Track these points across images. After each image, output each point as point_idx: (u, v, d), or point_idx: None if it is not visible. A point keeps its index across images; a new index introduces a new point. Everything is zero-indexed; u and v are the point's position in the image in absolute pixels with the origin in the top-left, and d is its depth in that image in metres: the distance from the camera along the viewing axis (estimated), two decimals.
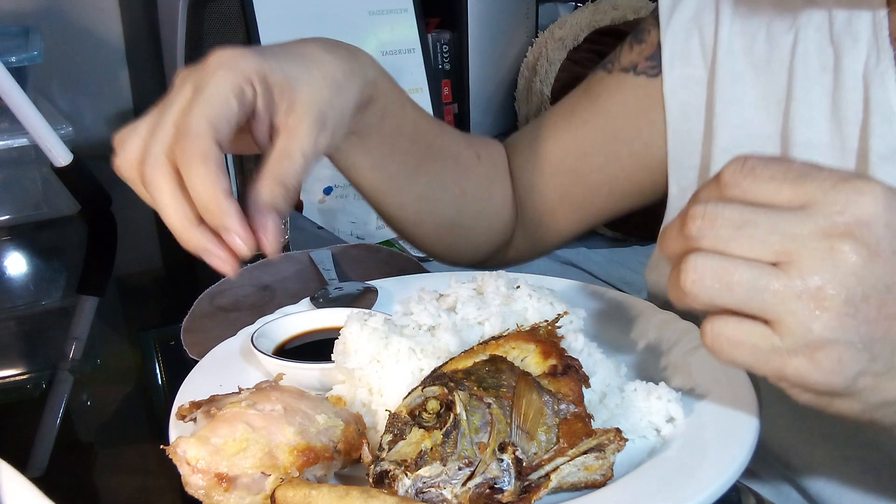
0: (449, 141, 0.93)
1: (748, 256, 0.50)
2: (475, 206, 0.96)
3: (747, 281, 0.50)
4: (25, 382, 0.88)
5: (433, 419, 0.54)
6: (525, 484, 0.54)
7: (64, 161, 1.21)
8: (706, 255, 0.51)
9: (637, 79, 0.92)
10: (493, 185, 0.98)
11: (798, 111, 0.79)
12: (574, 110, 0.97)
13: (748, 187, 0.52)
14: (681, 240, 0.53)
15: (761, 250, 0.50)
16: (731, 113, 0.85)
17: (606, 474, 0.56)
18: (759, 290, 0.49)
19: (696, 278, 0.50)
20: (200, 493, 0.54)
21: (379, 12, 1.55)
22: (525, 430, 0.55)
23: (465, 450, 0.53)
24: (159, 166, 0.62)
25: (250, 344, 0.71)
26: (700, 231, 0.51)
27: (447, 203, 0.93)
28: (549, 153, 0.97)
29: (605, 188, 0.96)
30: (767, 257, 0.50)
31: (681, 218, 0.53)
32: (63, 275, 1.16)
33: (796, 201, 0.51)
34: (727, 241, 0.51)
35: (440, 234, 0.96)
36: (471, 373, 0.58)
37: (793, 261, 0.49)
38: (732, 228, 0.51)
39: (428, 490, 0.52)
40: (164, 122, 0.63)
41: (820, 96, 0.78)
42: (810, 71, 0.79)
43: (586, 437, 0.56)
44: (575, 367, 0.61)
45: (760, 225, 0.51)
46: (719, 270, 0.50)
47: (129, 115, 1.79)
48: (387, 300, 0.85)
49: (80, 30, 1.72)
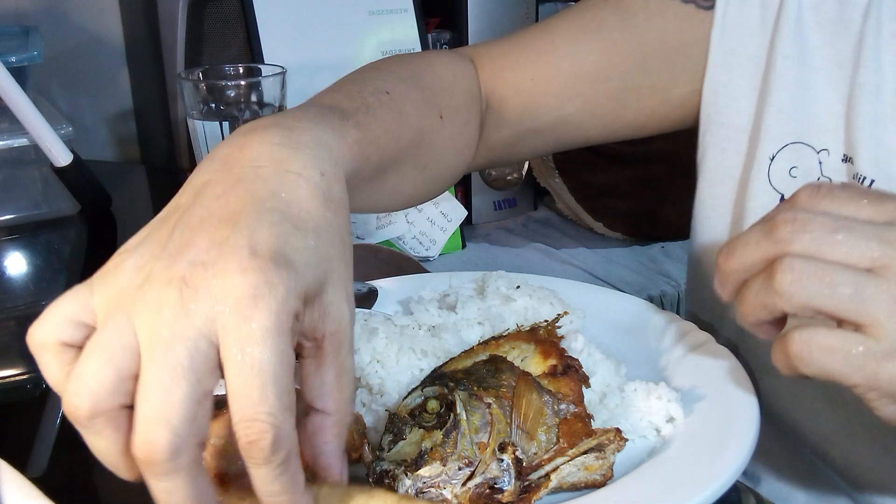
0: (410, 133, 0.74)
1: (844, 261, 0.50)
2: (438, 173, 0.83)
3: (847, 282, 0.50)
4: (25, 382, 0.88)
5: (433, 419, 0.54)
6: (525, 484, 0.54)
7: (64, 161, 1.21)
8: (803, 258, 0.51)
9: (685, 7, 0.83)
10: (459, 138, 0.84)
11: (864, 79, 0.75)
12: (601, 26, 0.86)
13: (828, 207, 0.53)
14: (766, 245, 0.52)
15: (858, 255, 0.50)
16: (791, 71, 0.79)
17: (606, 474, 0.56)
18: (858, 292, 0.49)
19: (795, 278, 0.50)
20: None
21: (379, 12, 1.54)
22: (525, 430, 0.55)
23: (465, 450, 0.53)
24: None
25: None
26: (792, 234, 0.51)
27: (410, 187, 0.80)
28: (559, 72, 0.86)
29: (607, 117, 0.88)
30: (863, 263, 0.50)
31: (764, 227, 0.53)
32: (63, 275, 1.16)
33: (880, 218, 0.52)
34: (822, 244, 0.51)
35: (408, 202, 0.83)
36: (471, 373, 0.58)
37: (887, 265, 0.50)
38: (826, 232, 0.51)
39: (428, 490, 0.52)
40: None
41: (890, 66, 0.75)
42: (882, 37, 0.75)
43: (586, 437, 0.56)
44: (575, 367, 0.61)
45: (855, 231, 0.51)
46: (819, 271, 0.50)
47: (129, 115, 1.80)
48: (387, 300, 0.85)
49: (80, 30, 1.72)
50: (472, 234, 1.62)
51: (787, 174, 0.81)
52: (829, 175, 0.79)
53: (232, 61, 1.41)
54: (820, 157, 0.79)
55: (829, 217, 0.52)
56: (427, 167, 0.80)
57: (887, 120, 0.75)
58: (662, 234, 1.62)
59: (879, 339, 0.49)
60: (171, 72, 1.52)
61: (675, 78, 0.85)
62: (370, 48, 1.52)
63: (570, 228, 1.67)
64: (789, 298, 0.51)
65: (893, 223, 0.51)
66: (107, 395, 0.43)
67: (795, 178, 0.81)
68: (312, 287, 0.47)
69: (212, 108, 1.08)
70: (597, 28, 0.85)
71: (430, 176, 0.82)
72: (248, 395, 0.42)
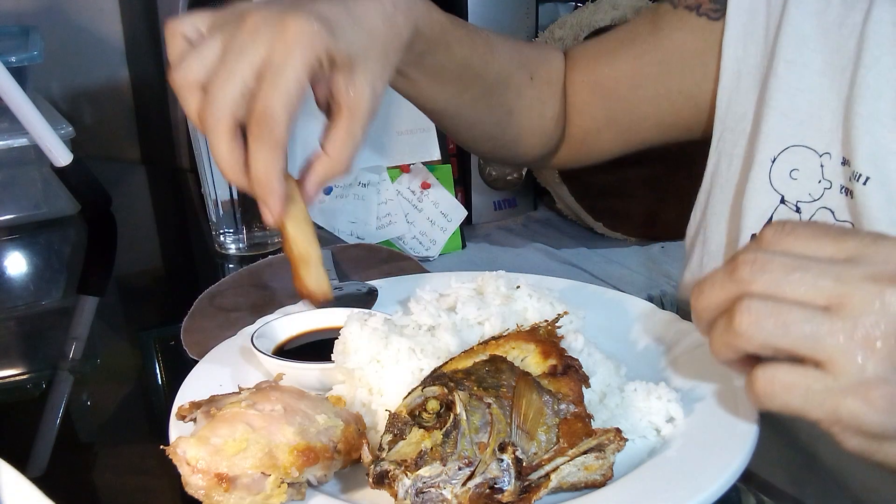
0: (499, 67, 0.94)
1: (800, 300, 0.52)
2: (522, 124, 0.99)
3: (803, 321, 0.51)
4: (25, 382, 0.88)
5: (433, 419, 0.54)
6: (525, 484, 0.54)
7: (64, 161, 1.21)
8: (760, 298, 0.52)
9: (699, 19, 0.91)
10: (544, 105, 1.00)
11: (865, 80, 0.77)
12: (635, 39, 0.98)
13: (791, 244, 0.54)
14: (728, 285, 0.54)
15: (813, 294, 0.52)
16: (792, 75, 0.82)
17: (606, 474, 0.56)
18: (814, 330, 0.51)
19: (752, 320, 0.52)
20: (200, 493, 0.54)
21: None
22: (525, 430, 0.55)
23: (465, 450, 0.53)
24: (224, 119, 0.65)
25: (250, 344, 0.71)
26: (752, 275, 0.53)
27: (493, 123, 0.97)
28: (605, 76, 0.99)
29: (651, 119, 0.97)
30: (819, 301, 0.51)
31: (727, 267, 0.55)
32: (63, 275, 1.16)
33: (840, 255, 0.53)
34: (779, 284, 0.52)
35: (487, 144, 1.01)
36: (471, 373, 0.58)
37: (844, 304, 0.51)
38: (784, 272, 0.52)
39: (428, 490, 0.52)
40: (235, 71, 0.65)
41: (890, 67, 0.76)
42: (883, 39, 0.77)
43: (586, 437, 0.56)
44: (575, 367, 0.61)
45: (811, 270, 0.52)
46: (775, 312, 0.52)
47: (130, 116, 1.80)
48: (387, 300, 0.85)
49: (80, 30, 1.72)
50: (472, 234, 1.62)
51: (787, 176, 0.83)
52: (829, 178, 0.80)
53: None
54: (822, 160, 0.80)
55: (788, 257, 0.53)
56: (512, 113, 0.97)
57: (886, 119, 0.76)
58: (662, 234, 1.62)
59: (837, 376, 0.50)
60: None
61: (697, 83, 0.92)
62: None
63: (570, 228, 1.66)
64: (749, 339, 0.52)
65: (852, 259, 0.52)
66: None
67: (796, 179, 0.82)
68: (341, 54, 0.66)
69: None
70: (631, 40, 0.98)
71: (515, 123, 0.98)
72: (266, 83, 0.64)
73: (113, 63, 1.77)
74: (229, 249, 1.13)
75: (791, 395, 0.52)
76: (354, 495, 0.58)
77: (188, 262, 1.27)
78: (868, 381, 0.50)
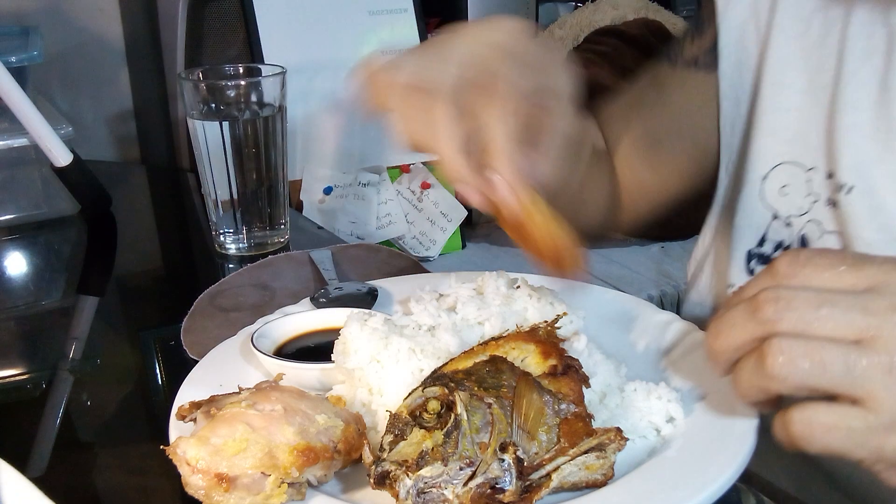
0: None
1: (831, 336, 0.50)
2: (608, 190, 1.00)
3: (838, 358, 0.49)
4: (25, 382, 0.88)
5: (434, 419, 0.54)
6: (526, 484, 0.54)
7: (64, 161, 1.21)
8: (790, 337, 0.50)
9: (698, 73, 0.93)
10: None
11: (845, 93, 0.79)
12: (643, 101, 0.99)
13: (809, 276, 0.53)
14: (752, 326, 0.52)
15: (844, 328, 0.50)
16: (779, 96, 0.84)
17: (607, 474, 0.56)
18: (850, 366, 0.49)
19: (786, 360, 0.50)
20: (200, 493, 0.54)
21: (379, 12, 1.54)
22: (526, 429, 0.55)
23: (466, 450, 0.53)
24: (455, 142, 0.62)
25: (250, 344, 0.71)
26: (777, 313, 0.51)
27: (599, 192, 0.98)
28: (623, 142, 1.00)
29: (675, 175, 0.98)
30: (850, 335, 0.50)
31: (748, 306, 0.53)
32: (63, 275, 1.16)
33: (860, 285, 0.52)
34: (808, 322, 0.50)
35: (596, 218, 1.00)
36: (471, 373, 0.58)
37: (876, 336, 0.49)
38: (812, 309, 0.51)
39: (429, 490, 0.52)
40: (443, 100, 0.62)
41: (868, 78, 0.78)
42: (859, 53, 0.78)
43: (587, 436, 0.56)
44: (575, 367, 0.61)
45: (839, 304, 0.51)
46: (809, 350, 0.50)
47: (129, 116, 1.80)
48: (387, 300, 0.85)
49: (80, 30, 1.72)
50: (472, 234, 1.62)
51: (778, 193, 0.84)
52: (816, 191, 0.82)
53: (232, 61, 1.41)
54: (809, 175, 0.82)
55: (811, 291, 0.52)
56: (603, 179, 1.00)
57: (866, 129, 0.77)
58: (662, 234, 1.62)
59: (878, 413, 0.49)
60: (171, 72, 1.52)
61: (709, 134, 0.93)
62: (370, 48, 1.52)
63: None
64: (783, 381, 0.50)
65: (874, 289, 0.51)
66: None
67: (787, 195, 0.84)
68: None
69: (212, 108, 1.08)
70: (640, 105, 0.99)
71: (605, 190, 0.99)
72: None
73: (113, 63, 1.77)
74: (229, 249, 1.13)
75: (832, 437, 0.50)
76: (354, 495, 0.58)
77: (188, 262, 1.27)
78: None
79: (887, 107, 0.76)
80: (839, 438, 0.50)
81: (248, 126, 1.08)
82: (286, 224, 1.15)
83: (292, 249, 1.12)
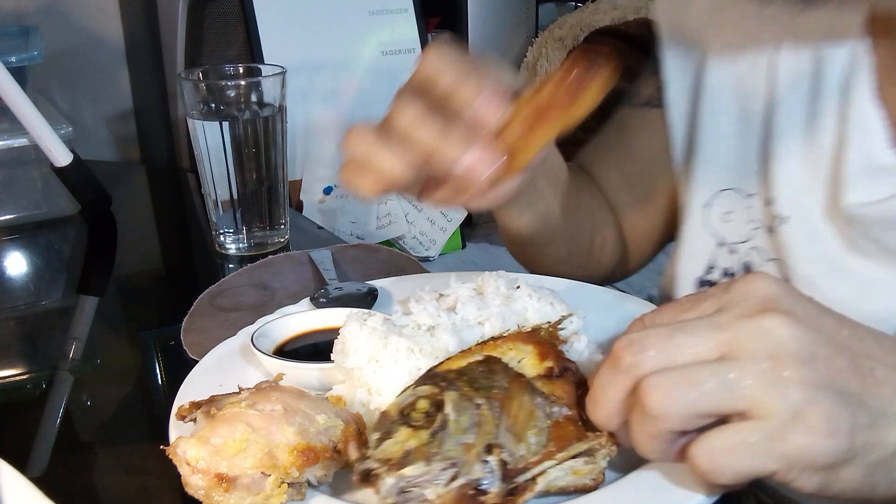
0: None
1: (694, 360, 0.50)
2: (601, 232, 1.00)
3: (710, 376, 0.49)
4: (25, 382, 0.88)
5: (422, 418, 0.54)
6: (511, 486, 0.53)
7: (64, 161, 1.21)
8: (659, 373, 0.50)
9: (656, 111, 0.93)
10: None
11: (775, 120, 0.80)
12: (610, 147, 1.00)
13: (655, 320, 0.54)
14: (619, 379, 0.52)
15: (703, 349, 0.50)
16: (714, 123, 0.85)
17: (597, 479, 0.55)
18: (723, 381, 0.49)
19: (663, 395, 0.49)
20: (200, 493, 0.54)
21: (379, 12, 1.54)
22: (514, 431, 0.54)
23: (450, 450, 0.52)
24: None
25: (250, 344, 0.71)
26: (636, 356, 0.51)
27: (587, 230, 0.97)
28: (604, 188, 1.00)
29: (662, 214, 0.98)
30: (712, 354, 0.50)
31: (607, 365, 0.53)
32: (63, 275, 1.16)
33: (706, 313, 0.52)
34: (668, 353, 0.50)
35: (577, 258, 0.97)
36: (464, 373, 0.58)
37: (735, 347, 0.50)
38: (666, 340, 0.51)
39: (410, 490, 0.51)
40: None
41: (797, 105, 0.78)
42: (787, 79, 0.79)
43: (577, 440, 0.55)
44: (571, 369, 0.60)
45: (689, 329, 0.51)
46: (680, 378, 0.49)
47: (129, 116, 1.80)
48: (387, 300, 0.85)
49: (80, 30, 1.72)
50: (472, 234, 1.62)
51: (721, 220, 0.85)
52: (757, 218, 0.83)
53: (232, 61, 1.41)
54: (750, 201, 0.83)
55: (660, 327, 0.52)
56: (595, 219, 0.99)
57: (797, 157, 0.78)
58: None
59: (768, 418, 0.48)
60: (171, 72, 1.52)
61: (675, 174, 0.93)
62: (370, 48, 1.52)
63: None
64: (668, 416, 0.49)
65: (719, 310, 0.52)
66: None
67: (730, 222, 0.85)
68: None
69: (212, 108, 1.08)
70: (607, 150, 1.00)
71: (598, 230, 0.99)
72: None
73: (113, 63, 1.77)
74: (229, 249, 1.13)
75: (737, 458, 0.49)
76: (354, 495, 0.58)
77: (188, 262, 1.27)
78: (799, 411, 0.48)
79: (816, 134, 0.76)
80: (744, 457, 0.49)
81: (248, 126, 1.08)
82: (286, 224, 1.15)
83: (292, 249, 1.12)
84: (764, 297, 0.51)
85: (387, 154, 0.65)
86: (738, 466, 0.49)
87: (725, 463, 0.49)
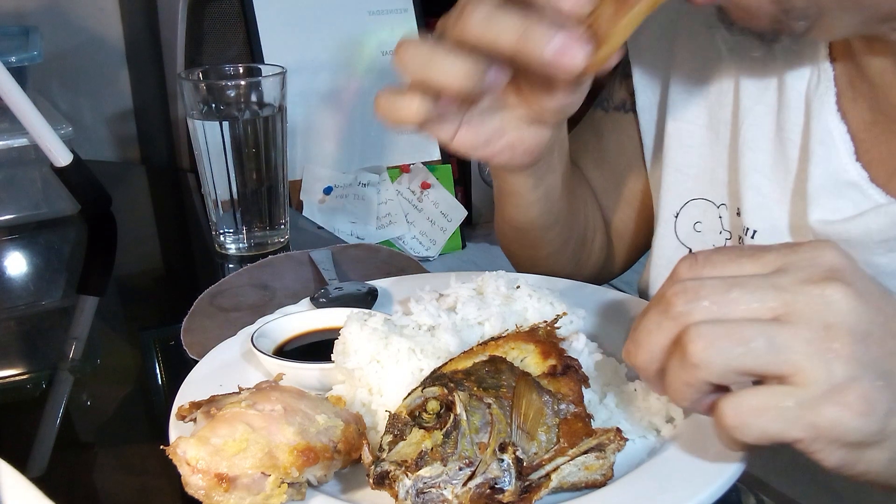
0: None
1: (747, 316, 0.49)
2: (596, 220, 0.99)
3: (759, 335, 0.48)
4: (25, 382, 0.88)
5: (433, 420, 0.54)
6: (526, 484, 0.54)
7: (64, 161, 1.21)
8: (707, 323, 0.49)
9: (626, 116, 0.93)
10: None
11: (743, 130, 0.79)
12: (587, 149, 0.99)
13: (711, 272, 0.52)
14: (667, 324, 0.51)
15: (759, 308, 0.49)
16: (681, 132, 0.85)
17: (607, 474, 0.56)
18: (772, 342, 0.48)
19: (707, 344, 0.48)
20: (200, 493, 0.54)
21: (379, 12, 1.54)
22: (525, 429, 0.55)
23: (465, 450, 0.53)
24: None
25: (250, 344, 0.71)
26: (688, 304, 0.50)
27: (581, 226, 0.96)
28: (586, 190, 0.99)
29: (640, 217, 0.97)
30: (766, 314, 0.49)
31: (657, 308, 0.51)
32: (63, 275, 1.16)
33: (765, 270, 0.51)
34: (720, 306, 0.49)
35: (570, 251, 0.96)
36: (471, 373, 0.58)
37: (791, 311, 0.49)
38: (721, 293, 0.50)
39: (429, 490, 0.52)
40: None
41: (764, 115, 0.78)
42: (753, 90, 0.79)
43: (586, 436, 0.56)
44: (574, 367, 0.61)
45: (748, 286, 0.50)
46: (728, 331, 0.49)
47: (129, 116, 1.80)
48: (387, 300, 0.85)
49: (80, 30, 1.72)
50: (472, 234, 1.62)
51: (692, 229, 0.85)
52: (728, 229, 0.82)
53: (232, 61, 1.41)
54: (720, 211, 0.82)
55: (718, 278, 0.51)
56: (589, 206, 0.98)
57: (764, 169, 0.78)
58: None
59: (807, 386, 0.48)
60: (171, 72, 1.52)
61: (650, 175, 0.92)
62: (370, 48, 1.52)
63: None
64: (708, 366, 0.49)
65: (780, 270, 0.50)
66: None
67: (700, 232, 0.85)
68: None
69: (212, 108, 1.08)
70: (585, 151, 0.99)
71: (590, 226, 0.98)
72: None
73: (113, 63, 1.77)
74: (229, 249, 1.13)
75: (765, 419, 0.48)
76: (354, 495, 0.58)
77: (188, 262, 1.27)
78: (840, 385, 0.47)
79: (783, 145, 0.76)
80: (772, 419, 0.48)
81: (248, 126, 1.08)
82: (286, 224, 1.15)
83: (292, 249, 1.12)
84: (831, 265, 0.50)
85: (449, 59, 0.58)
86: (765, 427, 0.49)
87: (753, 422, 0.49)
